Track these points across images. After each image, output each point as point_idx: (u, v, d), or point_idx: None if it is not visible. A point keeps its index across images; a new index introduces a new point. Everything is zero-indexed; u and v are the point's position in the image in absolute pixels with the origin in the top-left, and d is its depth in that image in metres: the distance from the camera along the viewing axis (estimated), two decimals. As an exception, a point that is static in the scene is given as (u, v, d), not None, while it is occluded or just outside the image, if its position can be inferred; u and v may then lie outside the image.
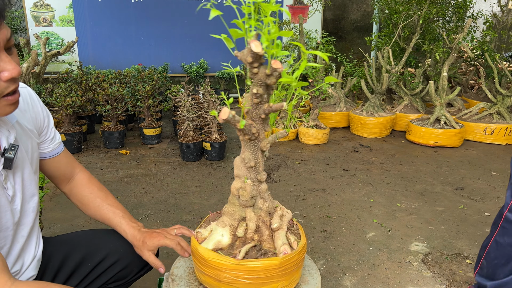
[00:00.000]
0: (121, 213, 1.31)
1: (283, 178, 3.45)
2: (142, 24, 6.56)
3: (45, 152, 1.25)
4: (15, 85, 0.93)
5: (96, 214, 1.33)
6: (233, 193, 1.15)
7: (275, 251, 1.11)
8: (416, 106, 5.05)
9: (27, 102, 1.16)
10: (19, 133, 1.08)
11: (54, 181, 1.35)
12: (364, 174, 3.55)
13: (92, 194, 1.35)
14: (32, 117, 1.17)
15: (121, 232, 1.28)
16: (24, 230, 1.11)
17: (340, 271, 2.14)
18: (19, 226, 1.09)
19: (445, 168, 3.73)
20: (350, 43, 7.48)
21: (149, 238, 1.24)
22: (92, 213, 1.34)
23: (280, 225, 1.13)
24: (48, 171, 1.31)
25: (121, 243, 1.29)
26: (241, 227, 1.14)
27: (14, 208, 1.05)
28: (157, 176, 3.47)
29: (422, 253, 2.33)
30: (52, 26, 6.23)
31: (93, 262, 1.26)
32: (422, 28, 4.82)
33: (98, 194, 1.35)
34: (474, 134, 4.54)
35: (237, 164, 1.13)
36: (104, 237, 1.33)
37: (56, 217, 2.69)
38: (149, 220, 2.67)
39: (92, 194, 1.35)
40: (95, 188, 1.36)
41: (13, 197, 1.05)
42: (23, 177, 1.09)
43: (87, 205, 1.34)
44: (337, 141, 4.60)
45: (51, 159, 1.28)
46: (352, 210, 2.87)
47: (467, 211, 2.86)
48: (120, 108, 4.22)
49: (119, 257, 1.28)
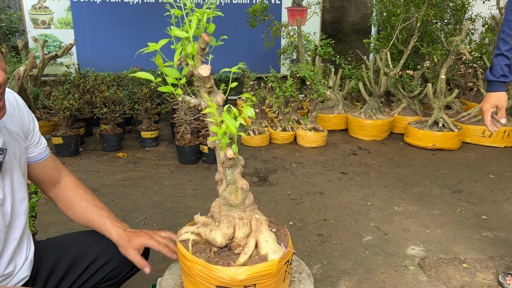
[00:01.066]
0: (106, 214, 1.31)
1: (281, 181, 3.44)
2: (141, 26, 6.57)
3: (31, 156, 1.26)
4: (0, 90, 0.93)
5: (80, 216, 1.32)
6: None
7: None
8: (415, 108, 5.05)
9: (14, 106, 1.17)
10: (7, 137, 1.09)
11: (40, 186, 1.35)
12: (362, 177, 3.55)
13: (77, 196, 1.34)
14: (19, 122, 1.18)
15: (106, 232, 1.27)
16: (16, 233, 1.12)
17: (336, 275, 2.13)
18: (11, 229, 1.10)
19: (443, 171, 3.72)
20: (349, 45, 7.48)
21: (135, 237, 1.23)
22: (77, 216, 1.33)
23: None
24: (35, 176, 1.31)
25: (112, 243, 1.29)
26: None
27: (4, 211, 1.06)
28: (154, 179, 3.46)
29: (419, 257, 2.32)
30: (50, 29, 6.23)
31: (85, 263, 1.26)
32: (420, 30, 4.82)
33: (83, 197, 1.35)
34: (472, 136, 4.53)
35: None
36: (95, 237, 1.33)
37: (52, 220, 2.68)
38: (145, 224, 2.66)
39: (77, 196, 1.34)
40: (81, 191, 1.36)
41: (3, 200, 1.06)
42: (13, 180, 1.10)
43: (72, 208, 1.33)
44: (335, 143, 4.59)
45: (37, 164, 1.28)
46: (349, 213, 2.86)
47: (464, 215, 2.85)
48: (118, 110, 4.22)
49: (111, 257, 1.28)
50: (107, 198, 3.05)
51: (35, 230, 2.30)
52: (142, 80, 4.60)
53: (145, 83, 4.58)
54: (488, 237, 2.54)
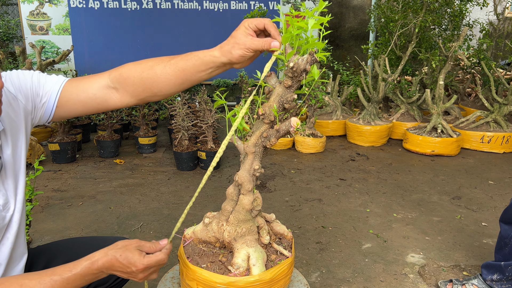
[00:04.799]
0: (193, 52, 1.03)
1: (279, 187, 3.42)
2: (139, 32, 6.57)
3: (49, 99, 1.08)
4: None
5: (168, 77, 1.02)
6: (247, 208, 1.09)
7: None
8: (413, 114, 5.04)
9: (6, 98, 1.05)
10: (4, 140, 1.04)
11: (101, 105, 1.10)
12: (361, 184, 3.52)
13: (144, 63, 1.05)
14: (23, 100, 1.08)
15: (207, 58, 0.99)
16: (13, 236, 1.08)
17: (335, 284, 2.10)
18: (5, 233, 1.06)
19: (442, 177, 3.70)
20: (347, 51, 7.49)
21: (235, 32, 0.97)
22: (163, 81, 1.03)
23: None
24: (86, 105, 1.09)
25: (103, 246, 1.26)
26: None
27: (4, 216, 1.03)
28: (151, 186, 3.43)
29: (419, 265, 2.29)
30: (48, 35, 6.22)
31: None
32: (418, 36, 4.82)
33: (149, 65, 1.05)
34: (471, 142, 4.52)
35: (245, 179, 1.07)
36: (85, 244, 1.30)
37: (48, 228, 2.65)
38: (141, 232, 2.63)
39: (145, 63, 1.05)
40: (141, 64, 1.07)
41: (5, 204, 1.03)
42: (17, 184, 1.07)
43: (152, 77, 1.02)
44: (333, 149, 4.58)
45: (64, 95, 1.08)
46: (348, 220, 2.83)
47: (464, 221, 2.83)
48: (115, 117, 4.19)
49: None
50: (103, 205, 3.02)
51: (30, 239, 2.27)
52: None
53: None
54: (489, 244, 2.51)
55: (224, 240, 1.09)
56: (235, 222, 1.08)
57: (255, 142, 1.07)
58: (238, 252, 1.07)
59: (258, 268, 1.05)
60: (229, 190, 1.09)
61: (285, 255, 1.15)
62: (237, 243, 1.08)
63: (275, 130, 1.06)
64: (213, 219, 1.12)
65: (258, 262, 1.06)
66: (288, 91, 1.00)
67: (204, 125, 3.78)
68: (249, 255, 1.06)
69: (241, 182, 1.06)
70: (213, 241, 1.10)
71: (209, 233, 1.10)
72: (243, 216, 1.08)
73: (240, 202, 1.07)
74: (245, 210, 1.07)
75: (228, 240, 1.08)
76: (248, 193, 1.07)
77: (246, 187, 1.06)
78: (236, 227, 1.07)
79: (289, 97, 1.01)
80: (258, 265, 1.05)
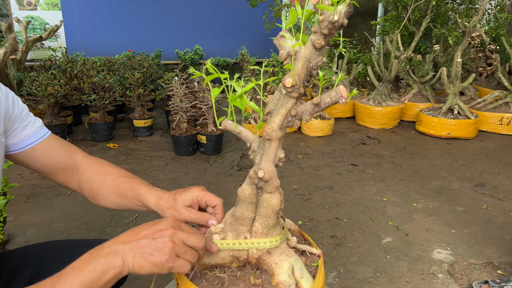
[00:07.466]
0: (138, 180, 1.02)
1: (286, 174, 3.15)
2: (134, 8, 6.19)
3: (20, 140, 1.00)
4: None
5: (110, 195, 1.03)
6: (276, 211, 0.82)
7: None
8: (426, 94, 4.74)
9: None
10: None
11: (56, 178, 1.07)
12: (374, 169, 3.26)
13: (101, 174, 1.06)
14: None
15: (143, 200, 0.97)
16: None
17: (356, 286, 1.86)
18: None
19: (461, 162, 3.43)
20: (353, 28, 7.12)
21: (183, 191, 0.94)
22: (105, 197, 1.04)
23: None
24: (41, 166, 1.03)
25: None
26: None
27: None
28: (148, 172, 3.16)
29: (447, 263, 2.04)
30: (37, 10, 5.85)
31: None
32: (434, 10, 4.48)
33: (108, 171, 1.06)
34: (488, 124, 4.24)
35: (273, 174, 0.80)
36: (60, 251, 1.04)
37: (32, 221, 2.38)
38: (136, 224, 2.37)
39: (101, 174, 1.06)
40: (105, 167, 1.08)
41: None
42: None
43: (99, 190, 1.04)
44: (342, 132, 4.29)
45: (36, 148, 1.02)
46: (364, 210, 2.58)
47: (491, 212, 2.57)
48: (108, 97, 3.89)
49: None
50: (95, 195, 2.75)
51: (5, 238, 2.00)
52: (134, 64, 4.26)
53: (137, 67, 4.24)
54: (522, 238, 2.27)
55: (250, 256, 0.82)
56: (264, 230, 0.81)
57: (280, 124, 0.79)
58: (279, 267, 0.80)
59: (308, 279, 0.80)
60: (244, 191, 0.81)
61: (314, 253, 0.90)
62: (272, 255, 0.81)
63: (314, 104, 0.77)
64: (223, 233, 0.85)
65: (304, 273, 0.80)
66: (317, 54, 0.73)
67: (204, 107, 3.49)
68: (293, 267, 0.80)
69: (269, 178, 0.78)
70: (228, 261, 0.83)
71: (222, 253, 0.82)
72: (272, 221, 0.81)
73: (267, 204, 0.80)
74: (275, 213, 0.81)
75: (258, 255, 0.82)
76: (276, 190, 0.80)
77: (275, 183, 0.79)
78: (267, 236, 0.81)
79: (320, 60, 0.75)
80: (306, 276, 0.80)
